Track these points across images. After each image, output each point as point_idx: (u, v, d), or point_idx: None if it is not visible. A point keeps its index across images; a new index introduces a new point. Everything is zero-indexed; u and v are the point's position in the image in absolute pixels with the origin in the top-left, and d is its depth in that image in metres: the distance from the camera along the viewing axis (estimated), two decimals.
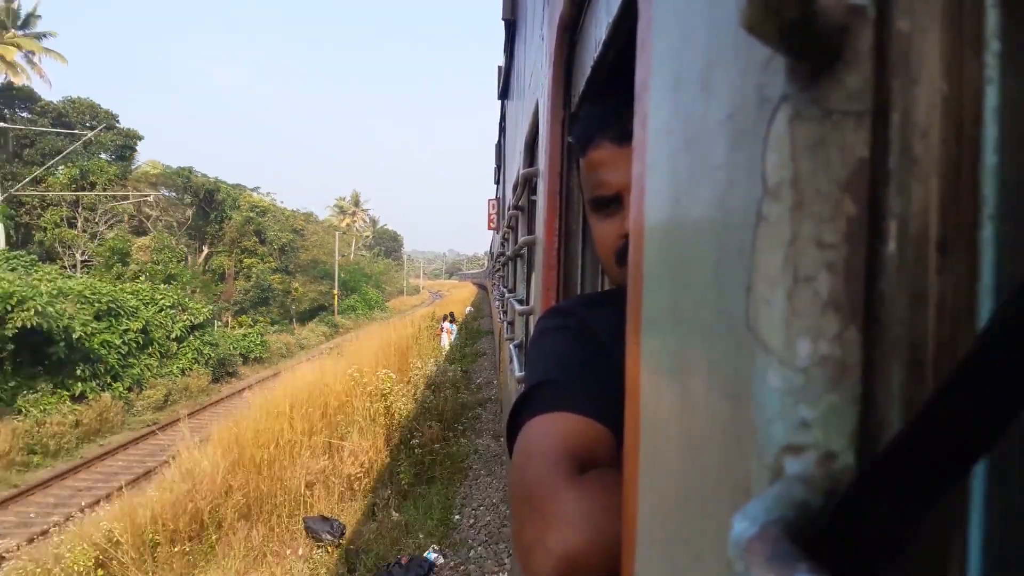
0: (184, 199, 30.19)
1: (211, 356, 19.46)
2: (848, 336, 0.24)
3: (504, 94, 7.28)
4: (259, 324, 26.40)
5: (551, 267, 1.56)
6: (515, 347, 3.02)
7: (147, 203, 27.25)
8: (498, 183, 10.11)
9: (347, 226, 59.20)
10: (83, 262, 24.82)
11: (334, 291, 35.42)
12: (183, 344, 18.88)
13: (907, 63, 0.23)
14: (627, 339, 0.53)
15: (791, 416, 0.24)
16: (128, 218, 27.34)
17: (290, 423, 7.67)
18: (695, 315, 0.37)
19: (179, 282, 23.81)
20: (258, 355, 22.56)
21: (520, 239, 2.66)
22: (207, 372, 18.69)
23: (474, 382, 10.43)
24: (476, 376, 11.31)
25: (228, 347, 20.93)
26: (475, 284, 57.70)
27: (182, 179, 29.63)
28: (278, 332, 27.23)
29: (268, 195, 37.16)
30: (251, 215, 31.76)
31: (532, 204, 2.69)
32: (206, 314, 20.33)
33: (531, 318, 2.19)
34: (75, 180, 25.34)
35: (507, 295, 4.54)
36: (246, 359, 21.87)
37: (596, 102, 0.87)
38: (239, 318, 27.52)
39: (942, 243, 0.23)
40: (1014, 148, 0.23)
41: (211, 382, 18.52)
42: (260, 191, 36.84)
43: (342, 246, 39.25)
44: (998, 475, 0.23)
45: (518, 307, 2.67)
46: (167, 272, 24.16)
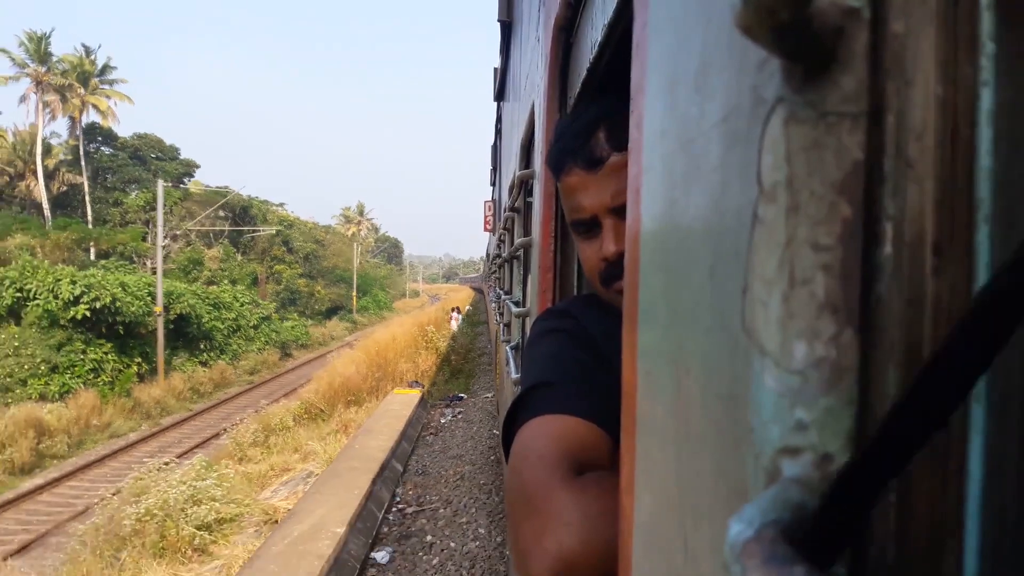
0: (219, 214, 35.62)
1: (276, 340, 27.73)
2: (844, 338, 0.24)
3: (500, 96, 7.28)
4: (301, 319, 33.53)
5: (547, 269, 1.56)
6: (511, 349, 3.02)
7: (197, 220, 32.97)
8: (494, 185, 10.13)
9: (353, 234, 66.36)
10: (153, 270, 30.26)
11: (353, 293, 43.07)
12: (258, 330, 26.98)
13: (902, 65, 0.23)
14: (623, 340, 0.53)
15: (787, 418, 0.24)
16: (184, 232, 33.60)
17: (393, 348, 15.78)
18: (691, 317, 0.37)
19: (242, 284, 30.96)
20: (303, 342, 30.42)
21: (516, 241, 2.66)
22: (275, 351, 26.94)
23: (472, 343, 19.44)
24: (475, 340, 20.71)
25: (284, 335, 28.95)
26: (472, 287, 61.19)
27: (220, 197, 34.32)
28: (312, 326, 34.53)
29: (283, 207, 44.69)
30: (280, 227, 38.74)
31: (528, 206, 2.69)
32: (271, 309, 28.91)
33: (527, 320, 2.18)
34: (148, 202, 32.14)
35: (503, 297, 4.53)
36: (294, 345, 29.84)
37: (565, 129, 0.87)
38: (287, 313, 34.28)
39: (937, 245, 0.23)
40: (1009, 150, 0.23)
41: (279, 359, 26.76)
42: (286, 207, 45.27)
43: (352, 254, 45.81)
44: (994, 475, 0.23)
45: (514, 309, 2.67)
46: (232, 277, 31.20)
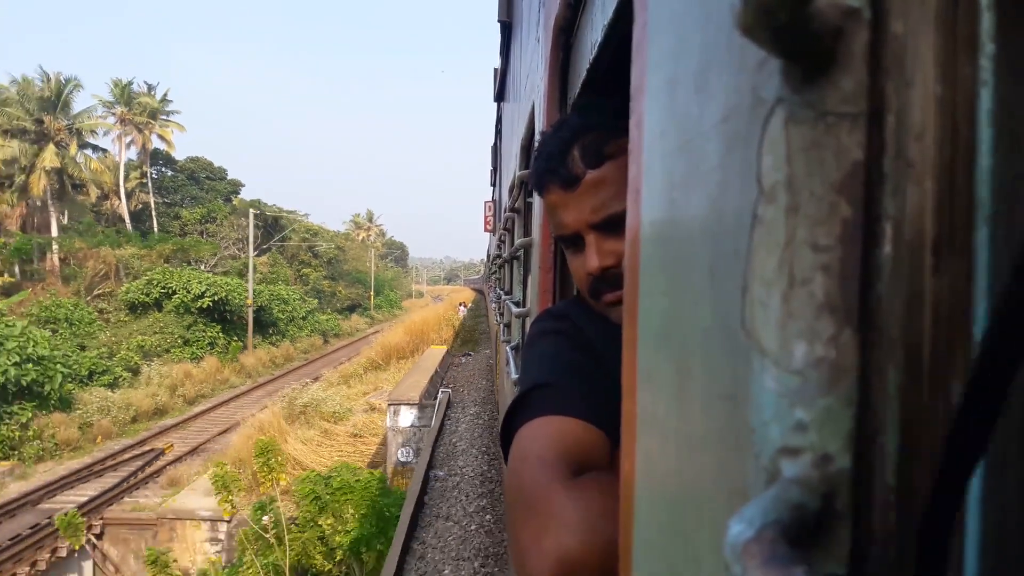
0: (257, 224, 41.92)
1: (319, 329, 35.94)
2: (844, 338, 0.23)
3: (500, 96, 7.28)
4: (333, 314, 41.57)
5: (547, 269, 1.56)
6: (511, 349, 3.02)
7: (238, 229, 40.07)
8: (494, 185, 10.13)
9: (363, 239, 73.68)
10: (209, 270, 36.64)
11: (370, 293, 51.94)
12: (305, 320, 34.84)
13: (902, 65, 0.23)
14: (623, 341, 0.53)
15: (787, 418, 0.24)
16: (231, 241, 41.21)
17: (423, 325, 24.53)
18: (691, 317, 0.36)
19: (285, 284, 38.04)
20: (336, 332, 38.83)
21: (516, 241, 2.66)
22: (319, 338, 35.31)
23: (475, 326, 26.75)
24: (477, 325, 28.04)
25: (323, 326, 37.06)
26: (473, 288, 63.60)
27: (254, 208, 39.52)
28: (340, 320, 43.20)
29: (307, 216, 52.69)
30: (307, 236, 46.05)
31: (528, 206, 2.69)
32: (314, 304, 37.38)
33: (527, 320, 2.18)
34: (204, 216, 40.68)
35: (503, 297, 4.53)
36: (330, 334, 38.32)
37: (542, 148, 0.87)
38: (325, 311, 41.93)
39: (937, 245, 0.23)
40: (1009, 150, 0.23)
41: (323, 343, 35.36)
42: (310, 217, 52.43)
43: (365, 257, 54.28)
44: (994, 475, 0.23)
45: (515, 309, 2.67)
46: (279, 278, 37.58)
